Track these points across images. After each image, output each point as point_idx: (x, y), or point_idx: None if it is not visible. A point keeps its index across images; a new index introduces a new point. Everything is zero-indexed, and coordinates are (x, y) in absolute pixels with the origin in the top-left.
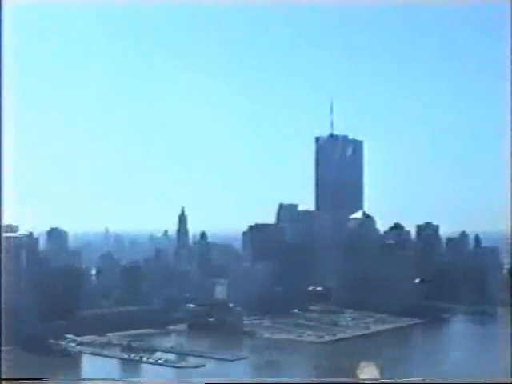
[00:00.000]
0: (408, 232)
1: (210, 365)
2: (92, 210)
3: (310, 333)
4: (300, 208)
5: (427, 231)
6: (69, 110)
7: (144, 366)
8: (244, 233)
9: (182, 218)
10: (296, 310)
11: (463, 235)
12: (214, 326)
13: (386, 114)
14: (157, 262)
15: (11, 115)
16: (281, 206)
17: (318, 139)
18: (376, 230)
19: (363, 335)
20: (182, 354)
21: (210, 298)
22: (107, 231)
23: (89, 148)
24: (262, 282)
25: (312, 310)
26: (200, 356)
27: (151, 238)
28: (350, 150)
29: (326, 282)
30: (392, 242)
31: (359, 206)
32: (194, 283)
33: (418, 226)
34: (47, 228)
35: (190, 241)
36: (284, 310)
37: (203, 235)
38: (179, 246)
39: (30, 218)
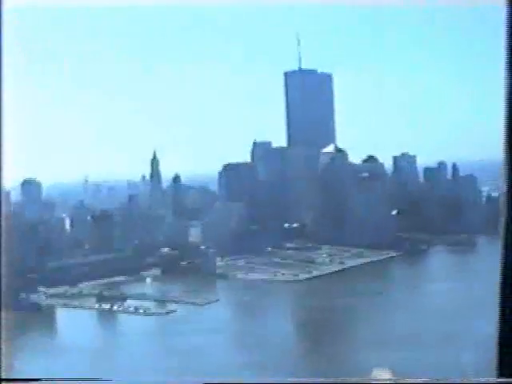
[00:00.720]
0: (382, 164)
1: (182, 310)
2: (71, 159)
3: (284, 271)
4: (274, 145)
5: (404, 162)
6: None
7: (114, 315)
8: (219, 173)
9: (154, 162)
10: (271, 249)
11: (441, 165)
12: (187, 269)
13: (357, 45)
14: (130, 208)
15: None
16: (254, 143)
17: (286, 74)
18: (349, 164)
19: (339, 271)
20: (153, 301)
21: (184, 241)
22: (86, 180)
23: (66, 97)
24: (236, 221)
25: (288, 248)
26: (171, 301)
27: (129, 184)
28: (318, 84)
29: (302, 219)
30: (366, 174)
31: (332, 141)
32: (168, 227)
33: (395, 158)
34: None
35: (164, 185)
36: (259, 248)
37: (176, 178)
38: (152, 190)
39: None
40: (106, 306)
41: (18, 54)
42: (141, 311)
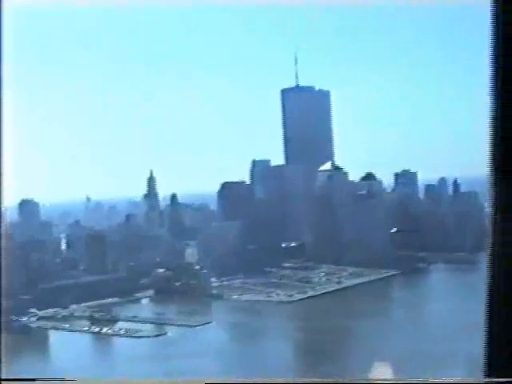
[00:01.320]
0: (380, 181)
1: (172, 332)
2: (73, 179)
3: (279, 292)
4: (273, 164)
5: (404, 179)
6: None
7: (103, 338)
8: (218, 192)
9: (151, 181)
10: (268, 268)
11: (442, 181)
12: (181, 290)
13: (354, 61)
14: (126, 228)
15: None
16: (254, 162)
17: (283, 91)
18: (347, 181)
19: (335, 291)
20: (144, 323)
21: (180, 261)
22: (88, 200)
23: (67, 117)
24: (233, 241)
25: (286, 267)
26: (162, 324)
27: (130, 203)
28: (316, 101)
29: (301, 238)
30: (364, 192)
31: (330, 158)
32: (165, 247)
33: (396, 174)
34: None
35: (164, 204)
36: (257, 268)
37: (174, 197)
38: (149, 209)
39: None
40: (96, 329)
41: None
42: (130, 334)
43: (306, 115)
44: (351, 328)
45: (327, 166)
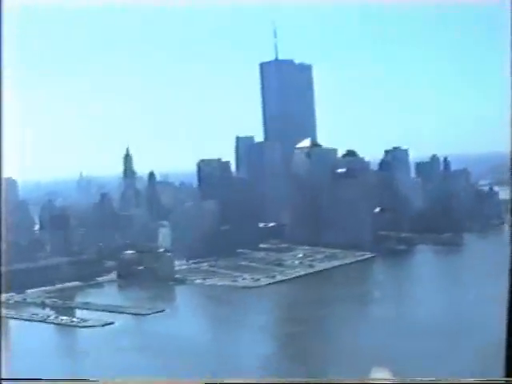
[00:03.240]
0: (363, 159)
1: (121, 322)
2: (64, 156)
3: (246, 276)
4: (257, 140)
5: (394, 156)
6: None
7: (46, 326)
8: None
9: (127, 159)
10: (243, 250)
11: (433, 159)
12: (143, 274)
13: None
14: (101, 207)
15: None
16: (237, 139)
17: (261, 65)
18: (326, 159)
19: (305, 275)
20: (95, 310)
21: (152, 242)
22: (81, 177)
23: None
24: (207, 221)
25: (261, 249)
26: (113, 311)
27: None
28: (297, 75)
29: (279, 218)
30: (343, 170)
31: (312, 135)
32: (138, 227)
33: (386, 152)
34: None
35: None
36: (230, 250)
37: (151, 176)
38: (125, 188)
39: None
40: (42, 317)
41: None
42: (76, 323)
43: (285, 90)
44: (309, 318)
45: (306, 142)
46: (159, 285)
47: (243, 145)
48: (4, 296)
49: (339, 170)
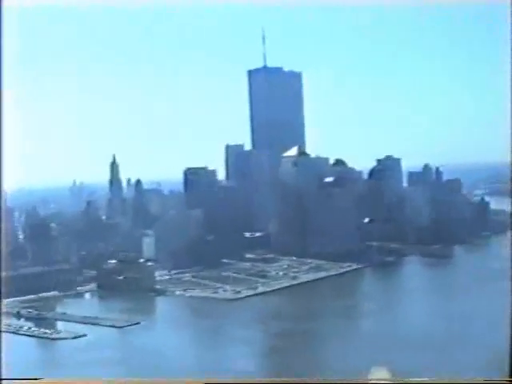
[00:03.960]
0: (352, 168)
1: (94, 334)
2: (60, 163)
3: (228, 288)
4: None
5: (386, 165)
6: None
7: (19, 337)
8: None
9: (114, 167)
10: (227, 260)
11: (426, 168)
12: (123, 284)
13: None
14: (87, 215)
15: None
16: (227, 147)
17: (250, 72)
18: (314, 168)
19: (287, 288)
20: (70, 321)
21: (136, 251)
22: (74, 184)
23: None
24: (192, 230)
25: (247, 259)
26: (88, 323)
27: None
28: (286, 83)
29: (266, 227)
30: (331, 179)
31: (301, 144)
32: (122, 236)
33: (378, 161)
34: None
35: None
36: (215, 260)
37: (138, 183)
38: (112, 196)
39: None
40: (14, 328)
41: None
42: (48, 335)
43: (274, 97)
44: (287, 333)
45: (293, 151)
46: (139, 296)
47: (233, 153)
48: None
49: (327, 180)
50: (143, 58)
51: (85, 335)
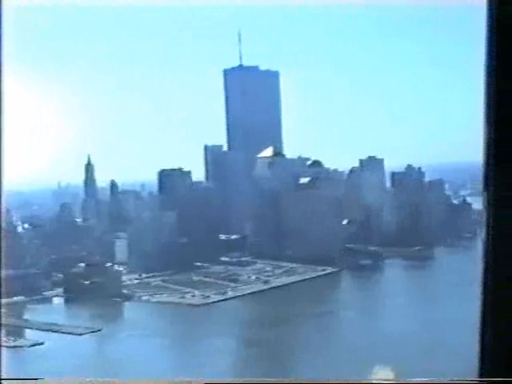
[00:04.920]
0: (328, 169)
1: (53, 342)
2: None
3: (197, 292)
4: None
5: (367, 166)
6: None
7: None
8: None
9: (89, 168)
10: (201, 264)
11: (409, 169)
12: (89, 289)
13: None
14: (60, 218)
15: None
16: (206, 147)
17: (225, 72)
18: (290, 169)
19: (257, 292)
20: (29, 328)
21: (109, 255)
22: (59, 185)
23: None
24: (165, 233)
25: (221, 262)
26: (48, 330)
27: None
28: (262, 82)
29: (243, 230)
30: (305, 181)
31: (278, 144)
32: (95, 239)
33: (360, 161)
34: None
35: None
36: (188, 264)
37: (113, 185)
38: (86, 198)
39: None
40: None
41: None
42: (3, 342)
43: (250, 97)
44: (252, 339)
45: (268, 152)
46: (104, 301)
47: (211, 154)
48: None
49: (301, 181)
50: (116, 57)
51: (42, 343)
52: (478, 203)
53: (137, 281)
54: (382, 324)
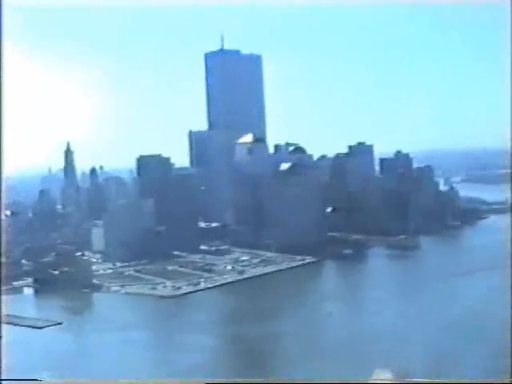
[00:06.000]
0: (310, 155)
1: (12, 335)
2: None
3: (168, 283)
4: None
5: (353, 152)
6: None
7: None
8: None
9: (68, 154)
10: (178, 253)
11: (398, 155)
12: (59, 279)
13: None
14: (40, 205)
15: None
16: (190, 133)
17: (206, 55)
18: (271, 155)
19: (230, 283)
20: None
21: (84, 242)
22: (50, 171)
23: None
24: (143, 221)
25: (199, 251)
26: (9, 323)
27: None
28: (244, 66)
29: (223, 217)
30: (286, 167)
31: (261, 130)
32: (73, 227)
33: (350, 147)
34: None
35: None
36: (165, 253)
37: (93, 172)
38: (66, 185)
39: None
40: None
41: None
42: None
43: (231, 82)
44: (219, 334)
45: (248, 137)
46: (72, 292)
47: (195, 140)
48: None
49: (282, 167)
50: (98, 45)
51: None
52: (470, 189)
53: (110, 270)
54: (355, 319)
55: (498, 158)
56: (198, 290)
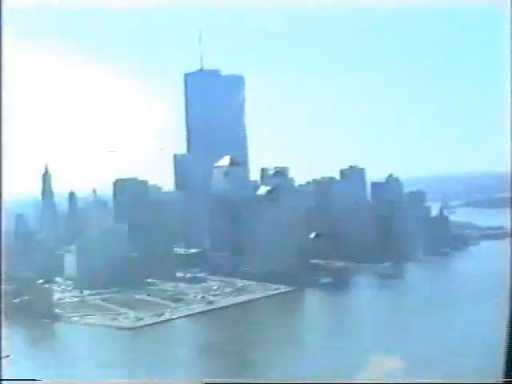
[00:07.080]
0: (291, 179)
1: None
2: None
3: (131, 314)
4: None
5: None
6: None
7: None
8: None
9: (46, 177)
10: (151, 280)
11: (390, 179)
12: (18, 308)
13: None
14: (15, 230)
15: None
16: (175, 156)
17: (186, 76)
18: (249, 179)
19: (196, 314)
20: None
21: (57, 270)
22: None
23: None
24: (117, 246)
25: (175, 279)
26: None
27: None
28: (225, 87)
29: (202, 243)
30: (263, 192)
31: (242, 152)
32: (46, 253)
33: (341, 171)
34: None
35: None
36: (138, 280)
37: (72, 196)
38: (43, 209)
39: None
40: None
41: None
42: None
43: (211, 102)
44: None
45: (225, 161)
46: (31, 322)
47: (177, 162)
48: None
49: (259, 192)
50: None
51: None
52: (466, 214)
53: (76, 299)
54: (316, 359)
55: (502, 181)
56: (159, 322)
